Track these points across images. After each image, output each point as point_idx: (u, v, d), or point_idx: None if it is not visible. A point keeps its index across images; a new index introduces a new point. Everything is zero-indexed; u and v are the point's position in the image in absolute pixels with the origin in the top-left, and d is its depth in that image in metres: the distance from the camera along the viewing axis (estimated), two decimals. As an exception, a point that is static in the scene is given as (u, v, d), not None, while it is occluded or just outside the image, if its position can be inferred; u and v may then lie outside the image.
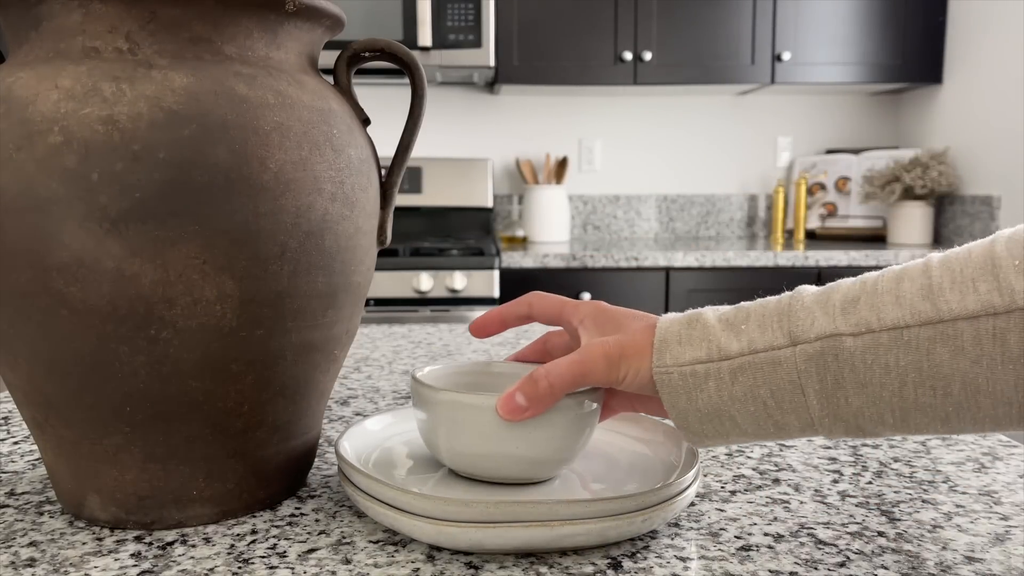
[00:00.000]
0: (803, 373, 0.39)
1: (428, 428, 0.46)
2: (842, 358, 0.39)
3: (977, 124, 2.45)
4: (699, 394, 0.42)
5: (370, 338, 1.01)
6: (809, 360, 0.39)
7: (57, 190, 0.38)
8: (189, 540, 0.44)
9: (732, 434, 0.42)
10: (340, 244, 0.45)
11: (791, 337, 0.40)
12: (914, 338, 0.37)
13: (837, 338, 0.39)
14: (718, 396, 0.41)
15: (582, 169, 2.78)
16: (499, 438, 0.43)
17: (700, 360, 0.42)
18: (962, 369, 0.36)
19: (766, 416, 0.41)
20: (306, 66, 0.47)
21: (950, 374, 0.37)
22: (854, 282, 0.40)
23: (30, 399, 0.44)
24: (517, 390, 0.43)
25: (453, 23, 2.25)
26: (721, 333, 0.42)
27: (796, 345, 0.40)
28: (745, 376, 0.41)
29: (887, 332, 0.38)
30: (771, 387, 0.40)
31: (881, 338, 0.38)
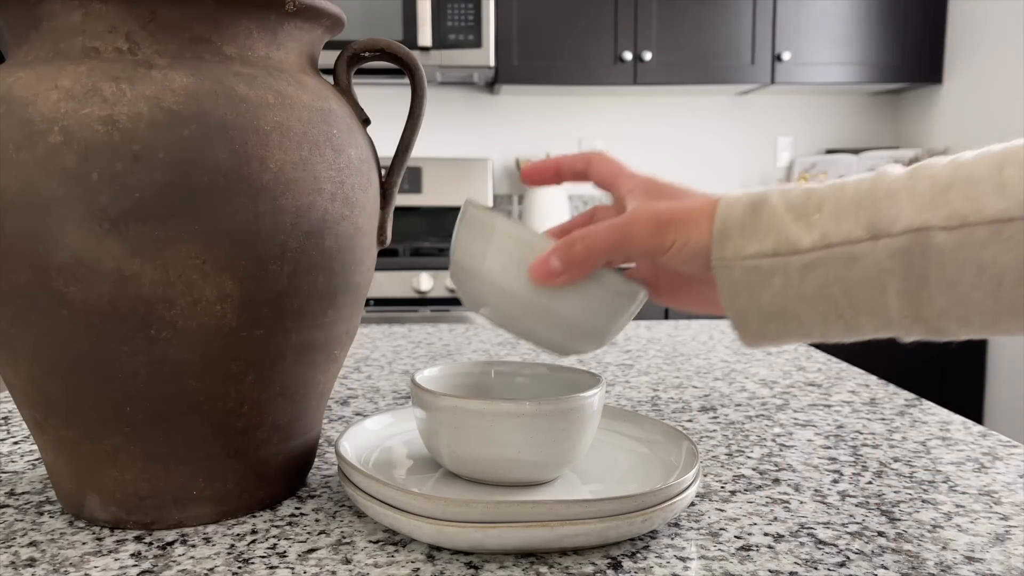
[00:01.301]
0: (885, 271, 0.35)
1: (429, 432, 0.46)
2: (931, 254, 0.34)
3: (977, 124, 2.45)
4: (763, 291, 0.38)
5: (370, 338, 1.01)
6: (893, 256, 0.35)
7: (57, 190, 0.38)
8: (189, 540, 0.44)
9: (795, 335, 0.39)
10: (340, 244, 0.45)
11: (873, 229, 0.35)
12: (1018, 232, 0.32)
13: (926, 232, 0.34)
14: (784, 294, 0.37)
15: (582, 169, 2.78)
16: (501, 443, 0.43)
17: (766, 253, 0.38)
18: None
19: (837, 316, 0.37)
20: (306, 66, 0.47)
21: None
22: (946, 165, 0.36)
23: (30, 399, 0.44)
24: (552, 253, 0.39)
25: (453, 23, 2.25)
26: (791, 223, 0.38)
27: (878, 239, 0.35)
28: (817, 272, 0.37)
29: (985, 226, 0.33)
30: (846, 285, 0.36)
31: (978, 232, 0.33)
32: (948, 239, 0.34)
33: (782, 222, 0.38)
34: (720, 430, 0.62)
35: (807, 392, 0.74)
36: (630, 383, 0.78)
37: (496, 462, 0.44)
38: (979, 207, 0.33)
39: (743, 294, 0.38)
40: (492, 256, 0.42)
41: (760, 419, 0.65)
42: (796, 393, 0.73)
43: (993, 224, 0.33)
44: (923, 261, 0.34)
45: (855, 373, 0.82)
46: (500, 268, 0.42)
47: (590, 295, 0.41)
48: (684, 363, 0.87)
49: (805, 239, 0.37)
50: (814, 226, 0.37)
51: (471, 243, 0.43)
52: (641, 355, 0.91)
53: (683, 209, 0.39)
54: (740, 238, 0.38)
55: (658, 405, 0.70)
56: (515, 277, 0.41)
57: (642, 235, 0.39)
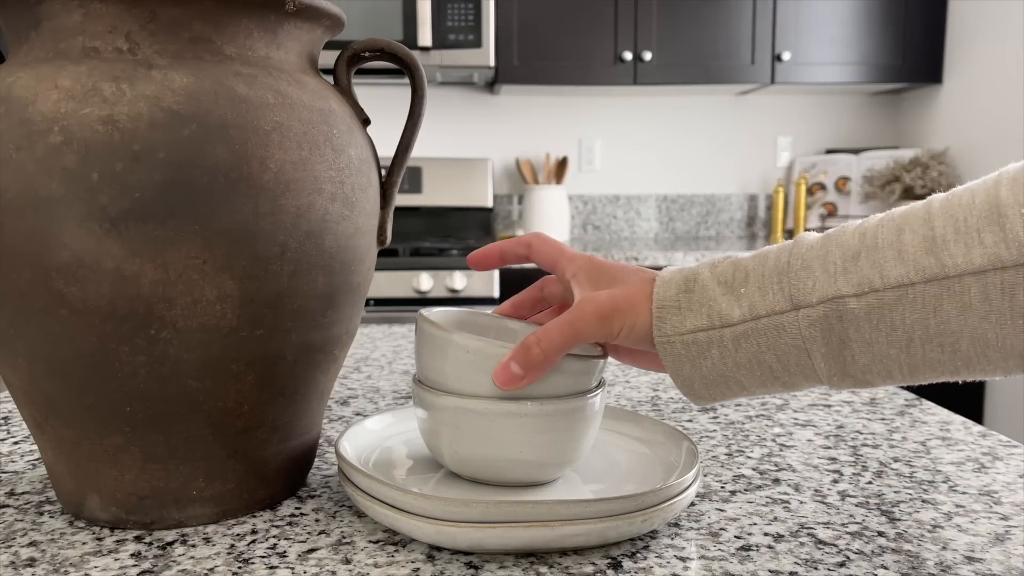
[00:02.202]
0: (807, 338, 0.38)
1: (430, 432, 0.46)
2: (846, 319, 0.37)
3: (977, 124, 2.45)
4: (703, 362, 0.41)
5: (370, 338, 1.01)
6: (813, 324, 0.38)
7: (57, 190, 0.38)
8: (189, 540, 0.44)
9: (739, 395, 0.42)
10: (340, 244, 0.45)
11: (793, 301, 0.39)
12: (919, 295, 0.36)
13: (840, 300, 0.37)
14: (722, 363, 0.41)
15: (582, 169, 2.78)
16: (502, 443, 0.43)
17: (702, 328, 0.41)
18: (971, 325, 0.35)
19: (773, 379, 0.40)
20: (306, 66, 0.47)
21: (958, 331, 0.35)
22: (854, 232, 0.39)
23: (30, 399, 0.44)
24: (511, 359, 0.42)
25: (453, 23, 2.25)
26: (721, 298, 0.41)
27: (799, 309, 0.39)
28: (749, 343, 0.40)
29: (891, 291, 0.36)
30: (776, 352, 0.39)
31: (885, 297, 0.36)
32: (860, 304, 0.37)
33: (713, 297, 0.41)
34: (720, 430, 0.62)
35: (807, 392, 0.74)
36: (630, 383, 0.78)
37: (497, 462, 0.44)
38: (884, 274, 0.36)
39: (686, 365, 0.42)
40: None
41: (760, 419, 0.65)
42: (796, 393, 0.73)
43: (897, 288, 0.36)
44: (841, 326, 0.38)
45: (855, 373, 0.82)
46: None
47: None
48: (684, 363, 0.86)
49: (735, 312, 0.40)
50: (742, 299, 0.40)
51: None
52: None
53: (624, 296, 0.43)
54: (678, 314, 0.42)
55: (658, 405, 0.70)
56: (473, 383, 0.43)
57: (590, 329, 0.42)
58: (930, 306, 0.35)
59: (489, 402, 0.43)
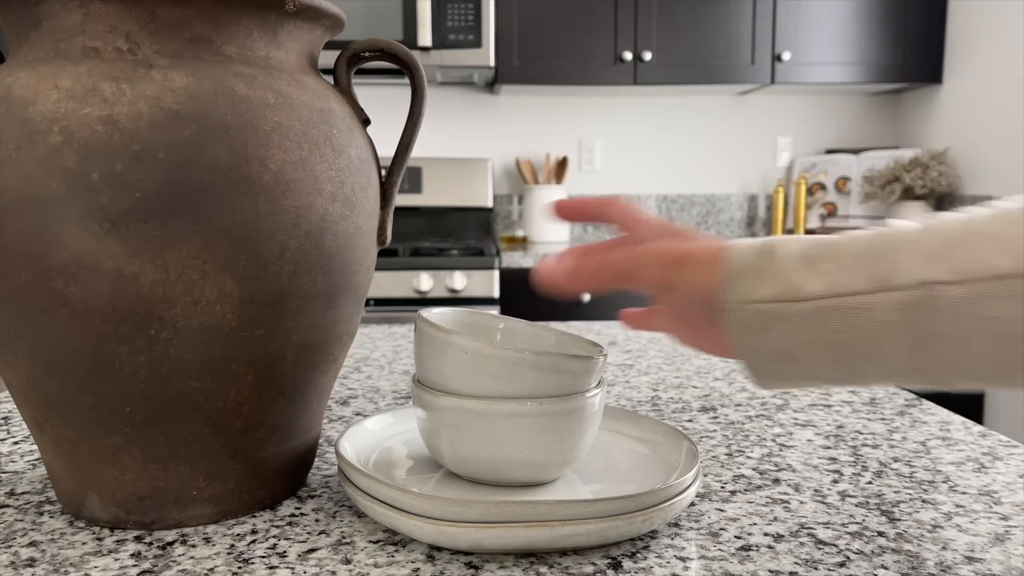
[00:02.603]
0: (892, 323, 0.35)
1: (430, 432, 0.46)
2: (939, 307, 0.35)
3: (977, 124, 2.45)
4: (769, 334, 0.38)
5: (370, 338, 1.01)
6: (900, 310, 0.35)
7: (57, 190, 0.38)
8: (189, 540, 0.44)
9: (801, 378, 0.39)
10: (340, 244, 0.45)
11: (880, 282, 0.36)
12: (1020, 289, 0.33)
13: (934, 286, 0.35)
14: (791, 339, 0.38)
15: (582, 169, 2.78)
16: (502, 443, 0.43)
17: (774, 298, 0.38)
18: None
19: (842, 363, 0.37)
20: (306, 66, 0.47)
21: None
22: (956, 220, 0.36)
23: (30, 399, 0.44)
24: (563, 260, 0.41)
25: (453, 23, 2.25)
26: (799, 271, 0.38)
27: (887, 292, 0.36)
28: (824, 321, 0.37)
29: (993, 281, 0.34)
30: (853, 334, 0.36)
31: (986, 288, 0.34)
32: (956, 292, 0.34)
33: (791, 267, 0.38)
34: (720, 430, 0.62)
35: (807, 392, 0.74)
36: (630, 383, 0.78)
37: (497, 462, 0.44)
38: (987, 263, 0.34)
39: (750, 336, 0.39)
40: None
41: (760, 419, 0.65)
42: (796, 393, 0.73)
43: (999, 280, 0.34)
44: (932, 314, 0.35)
45: (855, 373, 0.82)
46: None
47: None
48: (684, 363, 0.87)
49: (814, 287, 0.37)
50: (823, 274, 0.38)
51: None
52: (641, 355, 0.91)
53: (692, 251, 0.40)
54: (749, 281, 0.39)
55: (658, 405, 0.70)
56: (472, 384, 0.43)
57: (651, 269, 0.40)
58: None
59: (488, 402, 0.43)
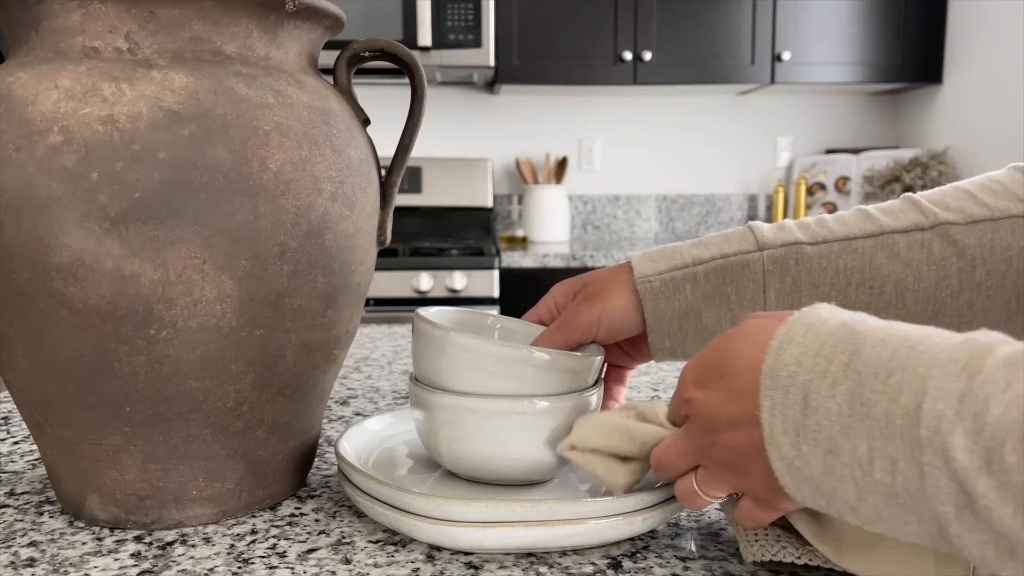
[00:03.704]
0: (768, 273, 0.47)
1: (427, 431, 0.46)
2: (802, 261, 0.47)
3: (977, 124, 2.45)
4: (676, 296, 0.48)
5: (370, 338, 1.01)
6: (775, 262, 0.47)
7: (57, 190, 0.38)
8: (189, 540, 0.43)
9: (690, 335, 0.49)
10: (340, 244, 0.45)
11: (758, 244, 0.48)
12: (860, 247, 0.46)
13: (799, 245, 0.47)
14: (692, 296, 0.48)
15: (582, 169, 2.78)
16: (500, 441, 0.43)
17: (677, 267, 0.49)
18: (896, 271, 0.46)
19: (728, 312, 0.48)
20: (306, 66, 0.47)
21: (886, 275, 0.46)
22: (801, 220, 0.48)
23: (30, 399, 0.44)
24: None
25: (453, 23, 2.25)
26: (691, 248, 0.49)
27: (763, 250, 0.47)
28: (716, 276, 0.48)
29: (839, 242, 0.47)
30: (736, 285, 0.48)
31: (834, 247, 0.47)
32: (814, 251, 0.47)
33: (683, 248, 0.49)
34: (720, 430, 0.62)
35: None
36: (630, 383, 0.78)
37: (495, 460, 0.44)
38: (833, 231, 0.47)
39: (662, 301, 0.49)
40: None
41: (760, 419, 0.65)
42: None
43: (844, 241, 0.47)
44: (796, 267, 0.47)
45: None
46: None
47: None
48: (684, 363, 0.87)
49: (705, 254, 0.49)
50: (710, 246, 0.49)
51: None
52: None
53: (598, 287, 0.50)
54: (654, 262, 0.49)
55: (658, 405, 0.70)
56: (470, 382, 0.43)
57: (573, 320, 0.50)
58: (867, 255, 0.46)
59: (487, 400, 0.43)
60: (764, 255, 0.47)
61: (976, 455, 0.27)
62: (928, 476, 0.28)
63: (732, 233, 0.49)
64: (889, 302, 0.46)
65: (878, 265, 0.46)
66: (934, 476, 0.28)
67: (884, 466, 0.29)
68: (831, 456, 0.31)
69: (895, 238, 0.46)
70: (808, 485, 0.32)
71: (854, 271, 0.46)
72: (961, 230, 0.45)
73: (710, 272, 0.48)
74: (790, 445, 0.32)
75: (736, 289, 0.48)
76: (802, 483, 0.32)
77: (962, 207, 0.46)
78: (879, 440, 0.29)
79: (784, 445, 0.32)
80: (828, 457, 0.31)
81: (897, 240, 0.46)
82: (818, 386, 0.31)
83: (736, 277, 0.47)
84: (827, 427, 0.31)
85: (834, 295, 0.46)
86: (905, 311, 0.46)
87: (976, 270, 0.45)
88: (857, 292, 0.46)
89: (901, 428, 0.29)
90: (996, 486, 0.26)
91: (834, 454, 0.31)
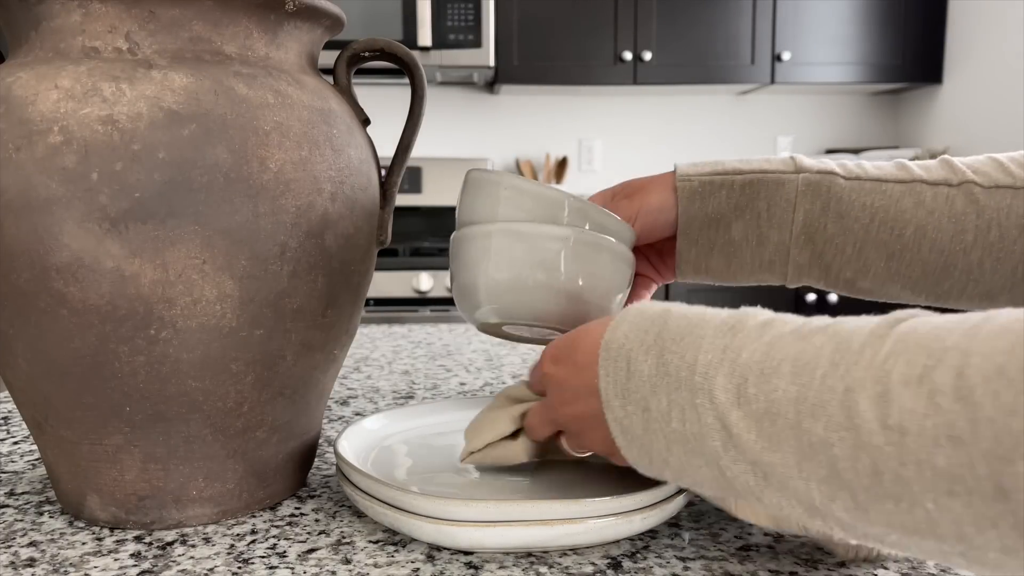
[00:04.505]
0: (800, 194, 0.49)
1: (470, 263, 0.45)
2: (833, 190, 0.49)
3: (977, 124, 2.45)
4: (712, 199, 0.50)
5: (370, 338, 1.01)
6: (808, 185, 0.49)
7: (57, 190, 0.38)
8: (189, 540, 0.44)
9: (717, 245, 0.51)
10: (340, 244, 0.45)
11: (796, 165, 0.50)
12: (889, 189, 0.49)
13: (833, 175, 0.49)
14: (727, 203, 0.50)
15: (582, 169, 2.78)
16: (544, 265, 0.44)
17: (718, 172, 0.50)
18: (918, 217, 0.48)
19: (756, 227, 0.50)
20: (306, 66, 0.47)
21: (908, 219, 0.48)
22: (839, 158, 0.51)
23: (30, 399, 0.44)
24: None
25: (453, 23, 2.25)
26: (735, 161, 0.51)
27: (800, 173, 0.50)
28: (752, 188, 0.50)
29: (871, 181, 0.49)
30: (769, 201, 0.50)
31: (865, 184, 0.49)
32: (846, 184, 0.49)
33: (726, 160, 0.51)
34: (720, 430, 0.62)
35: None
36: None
37: (535, 288, 0.44)
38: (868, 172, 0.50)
39: (696, 201, 0.50)
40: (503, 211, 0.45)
41: (760, 419, 0.65)
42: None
43: (875, 181, 0.49)
44: (827, 193, 0.49)
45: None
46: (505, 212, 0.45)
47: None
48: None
49: (745, 167, 0.51)
50: (751, 162, 0.51)
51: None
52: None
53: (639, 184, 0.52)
54: (696, 166, 0.51)
55: (658, 405, 0.70)
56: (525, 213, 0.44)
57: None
58: (895, 197, 0.49)
59: (534, 225, 0.44)
60: (800, 177, 0.49)
61: (730, 392, 0.32)
62: (701, 416, 0.33)
63: (775, 157, 0.51)
64: (906, 245, 0.48)
65: (903, 209, 0.48)
66: (705, 415, 0.33)
67: (677, 415, 0.34)
68: (646, 413, 0.35)
69: (923, 187, 0.48)
70: (635, 445, 0.37)
71: (879, 209, 0.48)
72: (984, 192, 0.48)
73: (747, 183, 0.50)
74: (619, 406, 0.37)
75: (768, 205, 0.49)
76: (631, 442, 0.37)
77: (989, 172, 0.48)
78: (674, 393, 0.34)
79: (615, 407, 0.37)
80: (644, 415, 0.36)
81: (924, 190, 0.48)
82: (636, 353, 0.36)
83: (771, 193, 0.49)
84: (641, 387, 0.36)
85: (857, 228, 0.49)
86: (920, 257, 0.48)
87: (991, 231, 0.48)
88: (879, 230, 0.48)
89: (685, 380, 0.34)
90: (743, 416, 0.31)
91: (647, 411, 0.35)
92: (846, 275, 0.51)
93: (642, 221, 0.51)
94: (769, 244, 0.50)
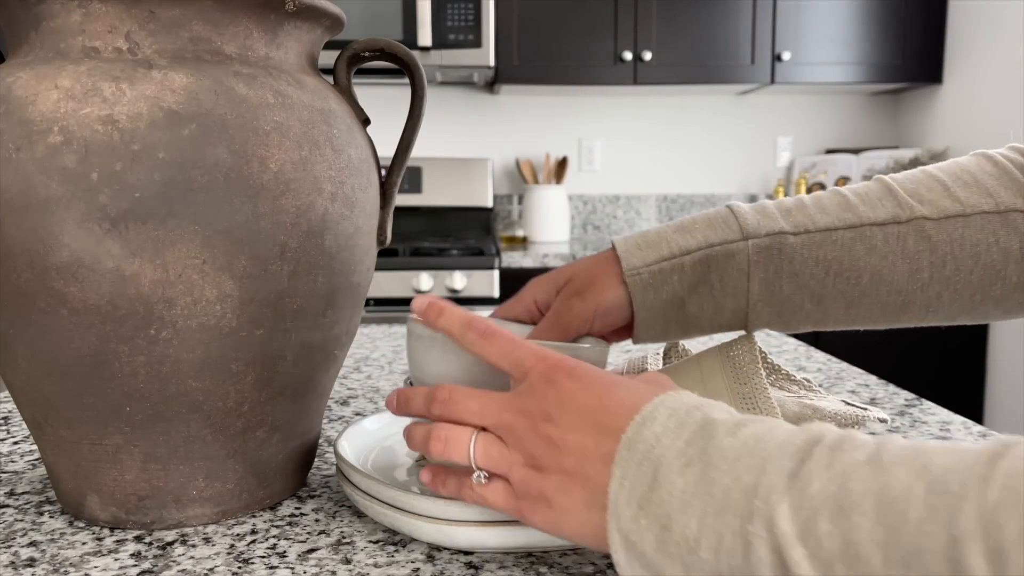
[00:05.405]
0: (753, 263, 0.48)
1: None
2: (785, 251, 0.48)
3: (977, 124, 2.45)
4: (664, 287, 0.49)
5: (370, 338, 1.01)
6: (759, 252, 0.48)
7: (57, 190, 0.38)
8: (189, 540, 0.44)
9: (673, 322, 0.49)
10: (340, 244, 0.45)
11: (743, 233, 0.48)
12: (840, 237, 0.48)
13: (783, 235, 0.48)
14: (679, 285, 0.49)
15: (582, 169, 2.78)
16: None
17: (664, 257, 0.49)
18: (872, 263, 0.48)
19: (711, 299, 0.49)
20: (306, 66, 0.47)
21: (863, 267, 0.48)
22: (779, 200, 0.50)
23: (30, 399, 0.44)
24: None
25: (453, 23, 2.25)
26: (676, 235, 0.49)
27: (748, 239, 0.48)
28: (702, 265, 0.48)
29: (820, 232, 0.48)
30: (721, 273, 0.48)
31: (815, 237, 0.48)
32: (796, 241, 0.48)
33: (668, 235, 0.49)
34: (720, 430, 0.62)
35: (807, 392, 0.74)
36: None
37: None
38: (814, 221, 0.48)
39: (650, 293, 0.49)
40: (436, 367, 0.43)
41: (760, 419, 0.65)
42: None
43: (825, 231, 0.48)
44: (779, 256, 0.48)
45: (855, 373, 0.82)
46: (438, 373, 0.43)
47: None
48: (684, 363, 0.86)
49: (691, 243, 0.49)
50: (695, 233, 0.49)
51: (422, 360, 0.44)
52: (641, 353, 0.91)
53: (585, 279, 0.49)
54: (642, 251, 0.49)
55: (658, 405, 0.70)
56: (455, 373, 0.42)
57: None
58: (847, 246, 0.48)
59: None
60: (749, 244, 0.48)
61: (796, 524, 0.28)
62: (753, 546, 0.28)
63: (715, 218, 0.49)
64: (864, 292, 0.48)
65: (856, 257, 0.48)
66: (757, 546, 0.28)
67: (710, 544, 0.30)
68: (664, 532, 0.31)
69: (873, 231, 0.48)
70: (639, 563, 0.32)
71: (833, 262, 0.48)
72: (934, 226, 0.47)
73: (696, 262, 0.48)
74: (630, 517, 0.32)
75: (720, 277, 0.48)
76: (633, 560, 0.32)
77: (935, 200, 0.48)
78: (711, 518, 0.30)
79: (624, 517, 0.32)
80: (662, 533, 0.31)
81: (875, 233, 0.48)
82: (671, 463, 0.31)
83: (721, 266, 0.48)
84: (668, 502, 0.31)
85: (814, 284, 0.48)
86: (879, 300, 0.48)
87: (946, 265, 0.48)
88: (835, 281, 0.48)
89: (736, 503, 0.29)
90: (807, 555, 0.27)
91: (667, 530, 0.31)
92: (807, 326, 0.50)
93: (600, 322, 0.49)
94: (726, 312, 0.49)
